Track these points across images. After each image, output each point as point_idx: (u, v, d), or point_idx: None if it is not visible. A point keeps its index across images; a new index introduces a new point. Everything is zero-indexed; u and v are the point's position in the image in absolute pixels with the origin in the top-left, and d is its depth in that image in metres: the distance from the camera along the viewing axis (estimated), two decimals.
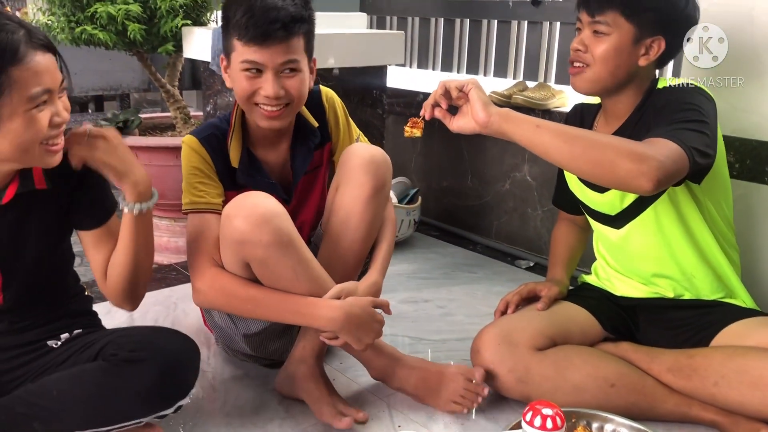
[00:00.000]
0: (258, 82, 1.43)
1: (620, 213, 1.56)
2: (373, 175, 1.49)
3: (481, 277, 2.41)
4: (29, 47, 1.10)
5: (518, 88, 2.53)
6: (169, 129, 2.95)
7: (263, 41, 1.39)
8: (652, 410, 1.46)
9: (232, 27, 1.41)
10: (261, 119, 1.48)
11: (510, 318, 1.56)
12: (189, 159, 1.51)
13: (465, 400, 1.49)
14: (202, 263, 1.43)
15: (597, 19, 1.41)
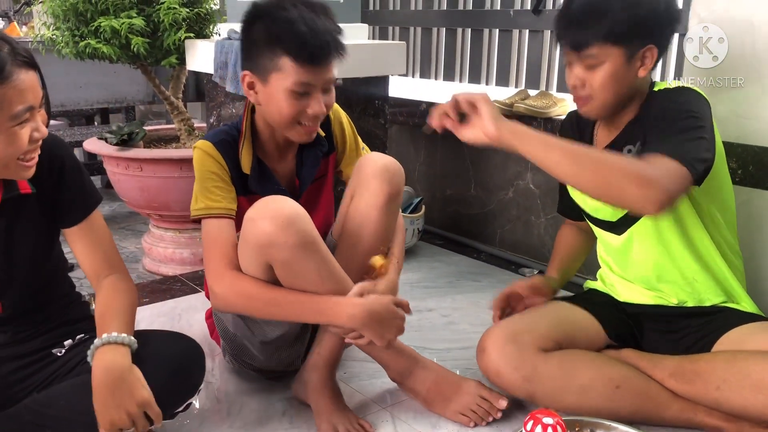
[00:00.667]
0: (304, 102, 1.42)
1: (621, 219, 1.56)
2: (388, 183, 1.51)
3: (486, 285, 2.41)
4: (14, 65, 1.10)
5: (520, 96, 2.54)
6: (173, 141, 2.96)
7: (319, 63, 1.39)
8: (657, 414, 1.46)
9: (283, 47, 1.38)
10: (299, 136, 1.49)
11: (515, 321, 1.56)
12: (204, 163, 1.50)
13: (474, 414, 1.50)
14: (220, 267, 1.42)
15: (583, 53, 1.41)
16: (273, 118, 1.47)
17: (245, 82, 1.47)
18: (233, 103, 2.34)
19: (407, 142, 3.10)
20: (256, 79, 1.45)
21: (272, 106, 1.45)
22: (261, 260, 1.38)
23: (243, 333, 1.57)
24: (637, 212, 1.29)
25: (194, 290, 2.33)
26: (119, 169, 2.62)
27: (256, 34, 1.42)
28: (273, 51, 1.39)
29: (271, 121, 1.49)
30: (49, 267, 1.35)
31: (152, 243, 2.74)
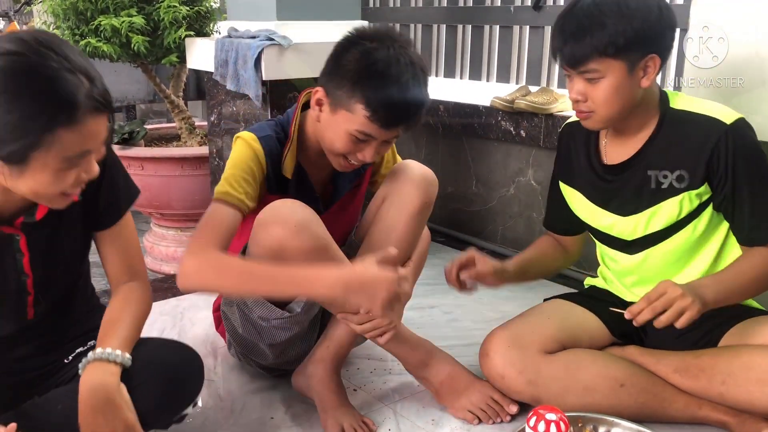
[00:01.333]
0: (360, 147, 1.40)
1: (640, 239, 1.52)
2: (424, 192, 1.52)
3: None
4: (87, 108, 1.02)
5: (521, 92, 2.53)
6: (174, 139, 2.96)
7: (392, 126, 1.38)
8: (662, 410, 1.45)
9: (362, 92, 1.34)
10: (339, 167, 1.47)
11: (518, 323, 1.55)
12: (244, 153, 1.44)
13: (483, 413, 1.49)
14: (204, 243, 1.34)
15: (582, 68, 1.36)
16: (324, 141, 1.45)
17: (315, 96, 1.43)
18: (234, 102, 2.34)
19: (408, 140, 3.10)
20: (327, 102, 1.41)
21: (329, 133, 1.42)
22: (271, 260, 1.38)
23: (252, 335, 1.56)
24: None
25: None
26: None
27: (348, 62, 1.37)
28: (353, 91, 1.35)
29: (320, 139, 1.46)
30: (81, 271, 1.34)
31: (154, 242, 2.74)
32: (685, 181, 1.44)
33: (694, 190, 1.43)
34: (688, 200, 1.45)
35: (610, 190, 1.52)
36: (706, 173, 1.42)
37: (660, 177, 1.46)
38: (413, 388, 1.65)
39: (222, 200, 1.40)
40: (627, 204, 1.51)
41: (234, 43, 2.16)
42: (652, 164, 1.46)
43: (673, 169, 1.44)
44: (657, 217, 1.48)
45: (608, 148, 1.54)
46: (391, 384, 1.68)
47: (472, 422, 1.49)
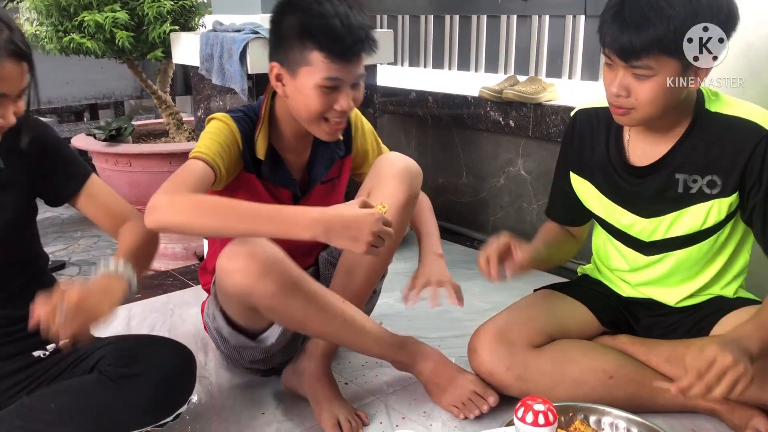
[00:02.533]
0: (333, 98, 1.40)
1: (659, 242, 1.47)
2: (408, 185, 1.52)
3: (478, 273, 2.35)
4: (5, 52, 1.10)
5: (509, 82, 2.53)
6: (162, 135, 2.95)
7: (350, 58, 1.37)
8: (651, 400, 1.45)
9: (314, 40, 1.35)
10: (323, 134, 1.45)
11: (505, 316, 1.54)
12: (220, 128, 1.44)
13: (464, 408, 1.49)
14: (177, 187, 1.31)
15: (636, 63, 1.26)
16: (299, 112, 1.44)
17: (273, 74, 1.43)
18: (221, 96, 2.33)
19: (398, 131, 3.09)
20: (285, 72, 1.41)
21: (300, 100, 1.41)
22: (243, 305, 1.40)
23: (232, 354, 1.58)
24: None
25: (187, 285, 2.32)
26: (108, 164, 2.61)
27: (287, 26, 1.38)
28: (304, 45, 1.36)
29: (296, 114, 1.45)
30: (21, 247, 1.33)
31: None
32: (717, 188, 1.37)
33: (725, 197, 1.37)
34: (717, 209, 1.39)
35: (632, 190, 1.46)
36: (740, 181, 1.35)
37: (689, 181, 1.40)
38: (404, 381, 1.64)
39: (195, 157, 1.39)
40: (650, 206, 1.45)
41: (219, 36, 2.14)
42: (681, 167, 1.40)
43: (705, 173, 1.38)
44: (680, 222, 1.43)
45: (632, 146, 1.46)
46: (383, 377, 1.67)
47: (458, 416, 1.49)
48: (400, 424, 1.48)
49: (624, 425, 1.33)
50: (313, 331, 1.47)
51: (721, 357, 1.15)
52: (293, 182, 1.55)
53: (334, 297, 1.44)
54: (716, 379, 1.15)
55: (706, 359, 1.16)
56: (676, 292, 1.53)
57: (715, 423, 1.46)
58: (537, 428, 1.06)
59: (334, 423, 1.44)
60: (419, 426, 1.48)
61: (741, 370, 1.14)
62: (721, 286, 1.51)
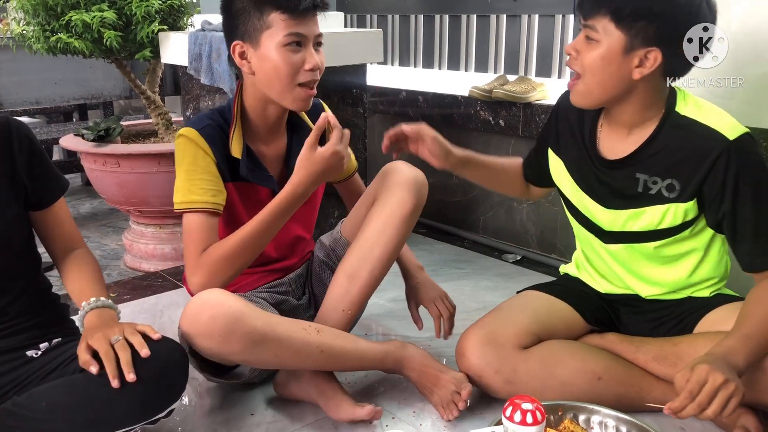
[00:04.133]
0: (300, 57, 1.43)
1: (616, 233, 1.49)
2: (416, 195, 1.56)
3: (469, 272, 2.41)
4: None
5: (499, 82, 2.53)
6: (151, 135, 2.92)
7: (306, 13, 1.41)
8: (640, 399, 1.45)
9: (270, 2, 1.40)
10: (298, 102, 1.48)
11: (492, 318, 1.53)
12: (188, 150, 1.46)
13: (447, 408, 1.48)
14: (195, 259, 1.43)
15: (588, 23, 1.31)
16: (270, 82, 1.46)
17: (236, 53, 1.47)
18: (209, 96, 2.32)
19: None
20: (248, 46, 1.45)
21: (268, 69, 1.44)
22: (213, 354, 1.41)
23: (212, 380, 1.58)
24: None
25: (176, 286, 2.30)
26: (96, 165, 2.59)
27: (240, 2, 1.44)
28: (260, 10, 1.41)
29: (268, 88, 1.47)
30: (19, 254, 1.33)
31: (133, 239, 2.71)
32: (675, 191, 1.39)
33: (682, 203, 1.39)
34: (672, 213, 1.41)
35: (599, 180, 1.49)
36: (698, 189, 1.36)
37: (649, 182, 1.42)
38: (394, 381, 1.64)
39: (189, 210, 1.44)
40: (612, 198, 1.48)
41: (207, 36, 2.13)
42: (643, 168, 1.42)
43: (665, 176, 1.39)
44: (637, 220, 1.45)
45: (603, 137, 1.48)
46: (372, 377, 1.67)
47: (444, 417, 1.48)
48: (390, 424, 1.48)
49: (613, 423, 1.33)
50: (292, 368, 1.50)
51: (712, 377, 1.15)
52: (271, 179, 1.55)
53: (307, 333, 1.42)
54: (708, 400, 1.15)
55: (697, 380, 1.16)
56: (645, 286, 1.54)
57: (704, 421, 1.46)
58: (525, 427, 1.06)
59: (350, 405, 1.45)
60: (409, 426, 1.47)
61: (732, 389, 1.15)
62: (693, 290, 1.51)
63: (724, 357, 1.21)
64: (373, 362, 1.51)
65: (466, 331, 1.51)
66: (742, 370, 1.21)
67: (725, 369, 1.17)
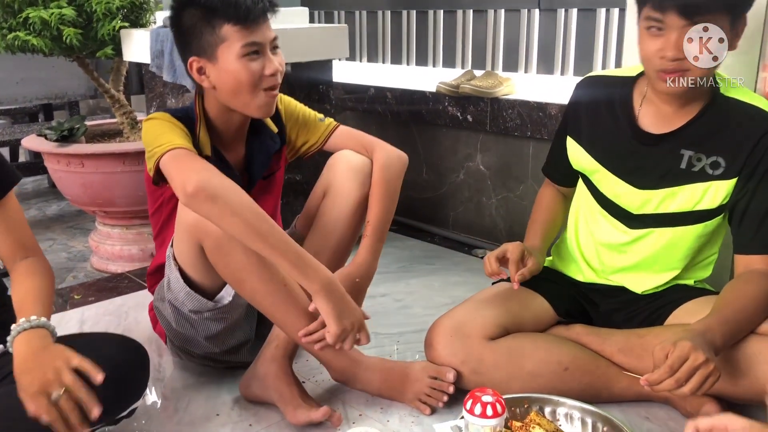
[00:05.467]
0: (259, 64, 1.41)
1: (647, 216, 1.48)
2: (361, 185, 1.57)
3: (439, 268, 2.41)
4: None
5: (466, 77, 2.53)
6: (117, 135, 2.88)
7: (257, 21, 1.40)
8: (606, 390, 1.46)
9: (220, 16, 1.38)
10: (262, 107, 1.46)
11: (461, 310, 1.53)
12: (163, 125, 1.41)
13: (430, 399, 1.47)
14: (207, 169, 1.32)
15: (699, 19, 1.27)
16: (232, 94, 1.44)
17: (194, 70, 1.44)
18: (173, 93, 2.28)
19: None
20: (204, 61, 1.43)
21: (228, 81, 1.42)
22: (193, 241, 1.37)
23: (187, 330, 1.53)
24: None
25: (142, 287, 2.27)
26: (60, 165, 2.54)
27: (190, 17, 1.41)
28: (213, 25, 1.39)
29: (230, 100, 1.45)
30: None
31: (99, 241, 2.67)
32: (720, 169, 1.39)
33: (726, 180, 1.38)
34: (713, 192, 1.40)
35: (633, 158, 1.46)
36: (743, 166, 1.37)
37: (693, 159, 1.40)
38: None
39: (172, 149, 1.35)
40: (647, 177, 1.45)
41: (169, 32, 2.10)
42: (689, 144, 1.41)
43: (710, 153, 1.39)
44: (674, 198, 1.44)
45: (645, 115, 1.46)
46: None
47: (425, 412, 1.47)
48: (357, 421, 1.47)
49: (578, 415, 1.33)
50: (249, 291, 1.41)
51: (694, 355, 1.17)
52: (237, 179, 1.53)
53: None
54: (686, 376, 1.17)
55: (679, 356, 1.17)
56: (648, 280, 1.54)
57: (668, 410, 1.48)
58: (485, 420, 1.06)
59: (310, 418, 1.42)
60: (376, 422, 1.46)
61: (711, 369, 1.17)
62: (686, 278, 1.54)
63: (702, 334, 1.22)
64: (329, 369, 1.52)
65: (434, 323, 1.51)
66: (718, 350, 1.23)
67: (706, 348, 1.18)
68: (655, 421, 1.45)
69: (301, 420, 1.42)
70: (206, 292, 1.47)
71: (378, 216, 1.59)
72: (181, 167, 1.32)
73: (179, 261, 1.46)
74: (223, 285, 1.47)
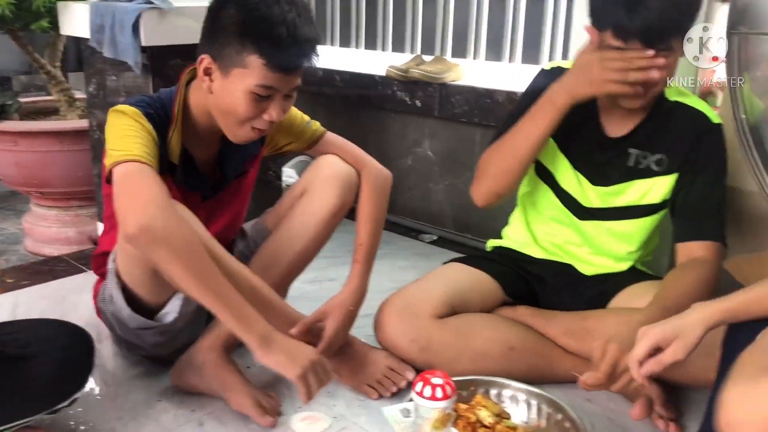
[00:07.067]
0: (263, 106, 1.31)
1: (595, 209, 1.55)
2: (343, 194, 1.53)
3: (386, 252, 2.39)
4: None
5: (415, 62, 2.52)
6: (53, 113, 2.77)
7: (291, 71, 1.29)
8: (551, 371, 1.50)
9: (251, 43, 1.25)
10: (241, 139, 1.37)
11: (411, 289, 1.54)
12: (134, 124, 1.29)
13: (380, 386, 1.47)
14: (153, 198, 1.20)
15: (665, 45, 1.33)
16: (223, 113, 1.34)
17: (202, 67, 1.32)
18: (114, 70, 2.20)
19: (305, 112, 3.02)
20: (216, 68, 1.31)
21: (226, 101, 1.31)
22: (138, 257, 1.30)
23: (132, 338, 1.48)
24: None
25: (80, 270, 2.19)
26: None
27: (227, 19, 1.27)
28: (243, 45, 1.26)
29: (218, 114, 1.36)
30: None
31: (34, 223, 2.57)
32: (663, 165, 1.49)
33: (666, 176, 1.48)
34: (658, 187, 1.50)
35: (595, 158, 1.54)
36: (683, 161, 1.47)
37: (640, 157, 1.50)
38: None
39: (126, 161, 1.23)
40: (601, 173, 1.53)
41: (110, 6, 2.02)
42: (636, 144, 1.50)
43: (655, 152, 1.49)
44: (623, 194, 1.53)
45: (606, 121, 1.53)
46: None
47: (371, 396, 1.47)
48: (303, 406, 1.45)
49: (524, 397, 1.35)
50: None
51: (622, 358, 1.21)
52: (206, 184, 1.49)
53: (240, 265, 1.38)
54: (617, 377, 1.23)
55: (609, 362, 1.22)
56: (595, 267, 1.59)
57: (609, 392, 1.51)
58: (435, 402, 1.06)
59: (255, 403, 1.39)
60: (322, 406, 1.45)
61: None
62: (629, 263, 1.59)
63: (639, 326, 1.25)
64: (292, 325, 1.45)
65: (383, 303, 1.52)
66: None
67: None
68: (596, 403, 1.48)
69: (245, 408, 1.39)
70: (150, 306, 1.42)
71: (370, 239, 1.54)
72: (128, 194, 1.21)
73: (122, 276, 1.38)
74: (168, 299, 1.41)
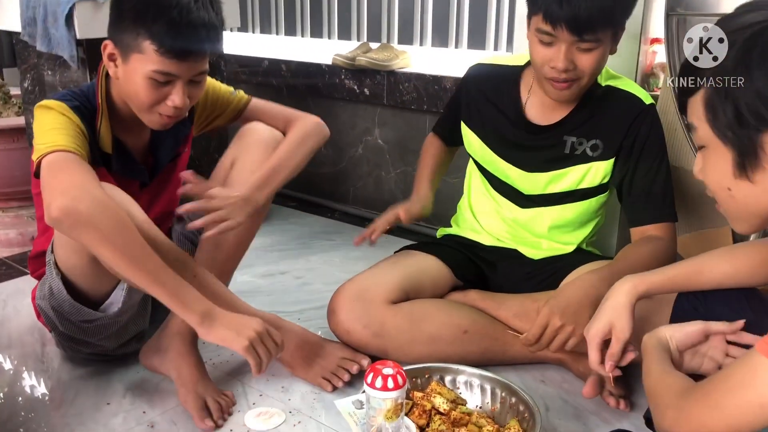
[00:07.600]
0: (165, 91, 1.30)
1: (536, 196, 1.58)
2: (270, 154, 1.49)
3: (339, 243, 2.39)
4: None
5: (362, 50, 2.50)
6: None
7: (185, 56, 1.27)
8: (503, 353, 1.51)
9: (144, 27, 1.24)
10: (153, 124, 1.36)
11: (364, 276, 1.54)
12: (64, 123, 1.27)
13: (335, 377, 1.46)
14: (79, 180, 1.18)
15: (588, 36, 1.33)
16: (130, 98, 1.34)
17: (106, 52, 1.32)
18: (49, 64, 2.12)
19: None
20: (118, 54, 1.31)
21: (130, 88, 1.31)
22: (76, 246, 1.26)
23: (76, 333, 1.42)
24: None
25: (22, 273, 2.12)
26: None
27: (127, 3, 1.28)
28: (137, 31, 1.25)
29: (127, 99, 1.36)
30: None
31: None
32: (598, 150, 1.50)
33: (603, 161, 1.50)
34: (593, 172, 1.52)
35: (522, 145, 1.55)
36: (619, 147, 1.49)
37: (576, 144, 1.51)
38: None
39: (54, 151, 1.21)
40: (535, 162, 1.55)
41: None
42: (570, 131, 1.51)
43: (590, 137, 1.50)
44: (561, 180, 1.54)
45: (530, 107, 1.55)
46: (238, 357, 1.60)
47: (326, 389, 1.45)
48: (257, 402, 1.43)
49: (478, 382, 1.35)
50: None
51: (552, 320, 1.35)
52: (143, 171, 1.46)
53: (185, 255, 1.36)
54: (549, 340, 1.36)
55: (540, 324, 1.36)
56: (541, 251, 1.62)
57: (562, 372, 1.53)
58: (386, 392, 1.06)
59: (200, 405, 1.35)
60: (277, 401, 1.43)
61: (569, 331, 1.34)
62: (577, 245, 1.62)
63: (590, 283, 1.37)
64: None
65: (337, 289, 1.51)
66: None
67: (567, 313, 1.34)
68: (550, 384, 1.50)
69: (188, 407, 1.36)
70: (93, 297, 1.37)
71: (280, 153, 1.49)
72: (53, 181, 1.18)
73: (62, 267, 1.34)
74: (111, 290, 1.37)
